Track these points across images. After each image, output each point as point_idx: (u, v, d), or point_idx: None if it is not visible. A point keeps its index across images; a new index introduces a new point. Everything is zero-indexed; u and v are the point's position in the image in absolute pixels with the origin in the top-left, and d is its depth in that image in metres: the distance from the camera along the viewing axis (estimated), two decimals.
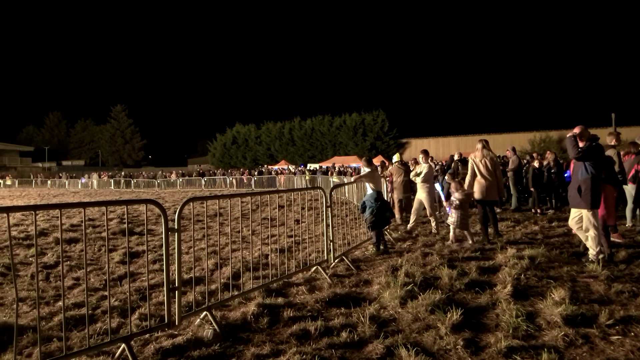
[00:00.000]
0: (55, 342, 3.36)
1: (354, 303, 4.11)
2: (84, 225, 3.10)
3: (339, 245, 6.02)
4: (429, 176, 8.14)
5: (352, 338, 3.29)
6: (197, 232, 8.36)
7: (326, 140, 55.36)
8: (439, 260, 5.54)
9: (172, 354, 3.13)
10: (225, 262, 5.75)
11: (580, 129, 5.39)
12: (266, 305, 4.00)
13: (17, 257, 6.65)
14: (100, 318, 3.90)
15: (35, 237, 3.01)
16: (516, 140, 39.74)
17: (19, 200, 22.23)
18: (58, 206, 3.09)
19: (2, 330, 3.52)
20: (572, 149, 5.33)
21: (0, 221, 10.20)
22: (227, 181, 34.11)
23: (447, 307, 3.69)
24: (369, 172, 6.79)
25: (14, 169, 64.35)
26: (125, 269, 5.63)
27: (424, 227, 8.86)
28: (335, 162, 41.65)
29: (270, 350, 3.15)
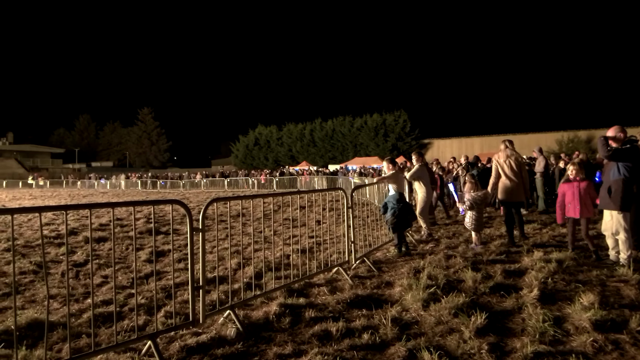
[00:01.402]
0: (84, 338, 3.47)
1: (376, 305, 4.09)
2: (112, 225, 3.19)
3: (360, 247, 6.01)
4: (419, 174, 7.83)
5: (373, 340, 3.27)
6: (220, 232, 8.49)
7: (347, 141, 55.27)
8: (462, 262, 5.45)
9: (197, 352, 3.18)
10: (248, 262, 5.82)
11: (615, 131, 5.22)
12: (288, 305, 4.02)
13: (48, 255, 6.90)
14: (127, 315, 4.01)
15: (66, 236, 3.12)
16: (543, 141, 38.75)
17: (50, 200, 23.07)
18: (88, 206, 3.20)
19: (33, 326, 3.66)
20: (601, 147, 5.18)
21: (33, 220, 10.62)
22: (249, 182, 34.52)
23: (471, 311, 3.63)
24: (392, 174, 6.74)
25: (46, 170, 66.87)
26: (151, 267, 5.77)
27: (446, 229, 8.74)
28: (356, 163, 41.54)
29: (292, 350, 3.17)
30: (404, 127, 52.84)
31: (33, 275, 5.64)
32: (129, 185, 41.06)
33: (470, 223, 6.60)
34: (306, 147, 58.13)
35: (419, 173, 7.83)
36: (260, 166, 57.83)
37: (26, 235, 8.83)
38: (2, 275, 5.64)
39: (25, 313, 3.99)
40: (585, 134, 41.63)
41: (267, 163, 60.01)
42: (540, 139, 41.25)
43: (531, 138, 42.78)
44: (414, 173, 7.81)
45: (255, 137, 63.56)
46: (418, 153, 8.25)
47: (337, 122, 56.82)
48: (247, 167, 58.85)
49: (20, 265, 5.97)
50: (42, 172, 61.38)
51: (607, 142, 5.20)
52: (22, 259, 6.51)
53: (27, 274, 5.64)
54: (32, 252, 7.15)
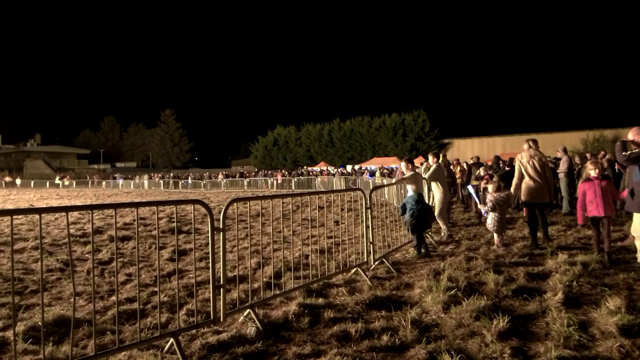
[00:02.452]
0: (108, 335, 3.55)
1: (395, 306, 4.07)
2: (136, 224, 3.27)
3: (379, 247, 5.98)
4: (437, 175, 7.80)
5: (393, 342, 3.25)
6: (240, 232, 8.58)
7: (365, 142, 55.03)
8: (484, 265, 5.36)
9: (217, 350, 3.23)
10: (267, 262, 5.86)
11: (635, 133, 5.05)
12: (307, 305, 4.03)
13: (74, 253, 7.09)
14: (150, 313, 4.10)
15: (92, 235, 3.22)
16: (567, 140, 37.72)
17: (76, 200, 23.74)
18: (112, 206, 3.28)
19: (59, 322, 3.76)
20: (618, 152, 5.07)
21: (60, 220, 10.95)
22: (268, 182, 34.80)
23: (493, 314, 3.57)
24: (412, 175, 6.67)
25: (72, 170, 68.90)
26: (173, 266, 5.87)
27: (467, 230, 8.61)
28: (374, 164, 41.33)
29: (311, 350, 3.18)
30: (423, 127, 52.26)
31: (60, 273, 5.81)
32: (152, 185, 41.94)
33: (492, 224, 6.48)
34: (324, 148, 58.14)
35: (437, 174, 7.77)
36: (279, 166, 58.15)
37: (53, 234, 9.11)
38: (30, 272, 5.83)
39: (52, 310, 4.10)
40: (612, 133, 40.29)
41: (286, 163, 60.29)
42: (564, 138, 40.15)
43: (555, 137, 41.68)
44: (433, 173, 7.74)
45: (274, 137, 63.94)
46: (435, 154, 8.23)
47: (356, 122, 56.63)
48: (266, 167, 59.26)
49: (48, 263, 6.17)
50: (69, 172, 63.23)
51: (624, 146, 5.06)
52: (49, 257, 6.71)
53: (54, 272, 5.82)
54: (58, 251, 7.37)
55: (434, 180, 7.81)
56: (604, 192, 5.41)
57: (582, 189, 5.69)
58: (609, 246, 5.39)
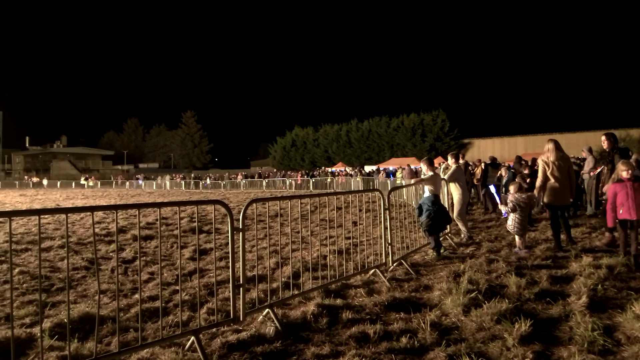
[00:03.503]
0: (131, 332, 3.63)
1: (414, 308, 4.04)
2: (159, 224, 3.35)
3: (397, 249, 5.94)
4: (456, 175, 7.70)
5: (412, 344, 3.23)
6: (259, 232, 8.66)
7: (383, 142, 54.74)
8: (505, 267, 5.27)
9: (237, 349, 3.27)
10: (286, 262, 5.90)
11: None
12: (325, 306, 4.05)
13: (98, 252, 7.29)
14: (171, 311, 4.18)
15: (116, 235, 3.30)
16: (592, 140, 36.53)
17: (100, 200, 24.35)
18: (136, 206, 3.37)
19: (85, 319, 3.86)
20: None
21: (85, 219, 11.26)
22: (286, 182, 34.99)
23: (514, 317, 3.51)
24: (431, 176, 6.61)
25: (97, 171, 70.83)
26: (194, 265, 5.97)
27: (488, 232, 8.47)
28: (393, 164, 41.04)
29: (330, 350, 3.19)
30: (442, 127, 51.66)
31: (85, 271, 5.98)
32: (173, 185, 42.75)
33: (513, 226, 6.36)
34: (342, 148, 58.10)
35: (456, 174, 7.69)
36: (297, 167, 58.37)
37: (79, 233, 9.37)
38: (56, 270, 6.02)
39: (78, 307, 4.22)
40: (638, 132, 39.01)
41: (304, 164, 60.47)
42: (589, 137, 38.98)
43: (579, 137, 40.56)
44: (452, 174, 7.66)
45: (292, 138, 64.26)
46: (454, 154, 8.14)
47: (374, 123, 56.40)
48: (284, 168, 59.56)
49: (73, 262, 6.35)
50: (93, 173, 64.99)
51: None
52: (75, 255, 6.91)
53: (79, 270, 5.99)
54: (84, 249, 7.58)
55: (453, 181, 7.73)
56: (636, 194, 5.24)
57: (613, 191, 5.52)
58: (636, 249, 5.22)
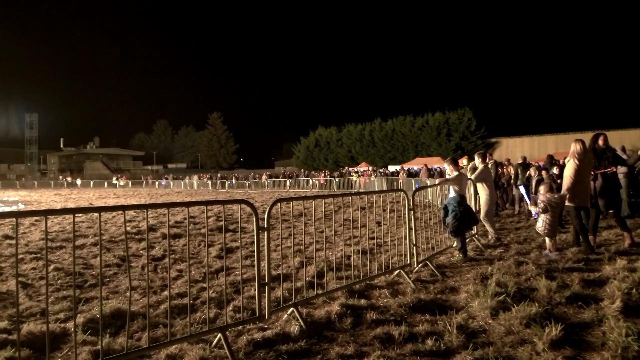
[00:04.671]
0: (161, 328, 3.73)
1: (440, 310, 3.98)
2: (187, 222, 3.43)
3: (422, 250, 5.88)
4: (484, 176, 7.55)
5: (438, 346, 3.19)
6: (283, 231, 8.73)
7: (408, 142, 54.11)
8: (535, 270, 5.13)
9: (263, 347, 3.31)
10: (310, 261, 5.93)
11: None
12: (349, 306, 4.05)
13: (129, 250, 7.51)
14: (199, 308, 4.27)
15: (147, 233, 3.41)
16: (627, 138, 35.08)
17: (131, 199, 25.09)
18: (165, 205, 3.46)
19: (116, 315, 3.99)
20: None
21: (116, 218, 11.63)
22: (310, 182, 35.14)
23: (544, 321, 3.41)
24: (456, 176, 6.51)
25: (128, 171, 73.16)
26: (221, 263, 6.08)
27: (517, 233, 8.27)
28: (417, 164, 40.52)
29: (354, 351, 3.19)
30: (468, 126, 50.61)
31: (116, 268, 6.18)
32: (201, 185, 43.66)
33: (543, 227, 6.18)
34: (366, 148, 57.79)
35: (483, 174, 7.54)
36: (321, 167, 58.45)
37: (110, 231, 9.69)
38: (89, 267, 6.25)
39: (109, 303, 4.37)
40: None
41: (327, 164, 60.49)
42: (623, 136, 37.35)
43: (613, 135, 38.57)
44: (479, 174, 7.52)
45: (316, 138, 64.40)
46: (482, 154, 8.00)
47: (398, 122, 55.83)
48: (308, 168, 59.76)
49: (105, 259, 6.57)
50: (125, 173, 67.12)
51: None
52: (107, 253, 7.15)
53: (111, 267, 6.20)
54: (115, 247, 7.83)
55: (480, 182, 7.59)
56: None
57: None
58: None
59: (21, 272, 5.79)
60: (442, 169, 28.97)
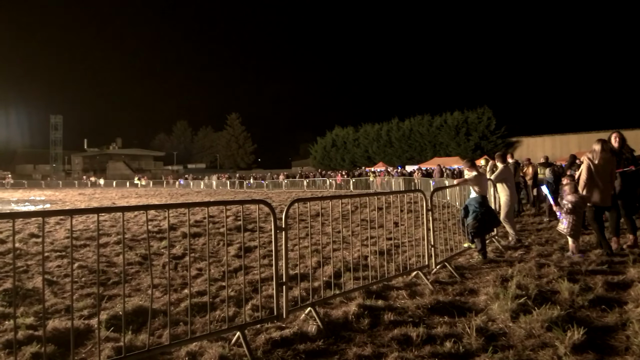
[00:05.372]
0: (181, 325, 3.80)
1: (459, 312, 3.94)
2: (206, 222, 3.49)
3: (440, 251, 5.82)
4: (504, 176, 7.43)
5: (456, 349, 3.17)
6: (300, 231, 8.76)
7: (425, 141, 53.60)
8: (557, 272, 5.02)
9: (281, 346, 3.34)
10: (327, 261, 5.94)
11: None
12: (367, 307, 4.04)
13: (150, 248, 7.66)
14: (218, 306, 4.32)
15: (168, 232, 3.48)
16: None
17: (152, 199, 25.57)
18: (186, 205, 3.54)
19: (138, 312, 4.05)
20: None
21: (138, 217, 11.87)
22: (327, 182, 35.17)
23: (566, 325, 3.34)
24: (475, 176, 6.42)
25: (149, 171, 74.66)
26: (239, 262, 6.15)
27: (538, 235, 8.11)
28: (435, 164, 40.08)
29: (372, 351, 3.19)
30: (488, 125, 49.82)
31: (138, 266, 6.32)
32: (219, 185, 44.22)
33: (567, 229, 6.04)
34: (383, 148, 57.50)
35: (504, 174, 7.43)
36: (337, 167, 58.40)
37: (132, 229, 9.89)
38: (112, 265, 6.41)
39: (132, 300, 4.44)
40: None
41: (344, 164, 60.42)
42: None
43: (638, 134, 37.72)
44: (500, 174, 7.41)
45: (333, 138, 64.43)
46: (501, 154, 7.91)
47: (415, 122, 55.37)
48: (325, 168, 59.79)
49: (127, 257, 6.72)
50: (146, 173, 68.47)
51: None
52: (129, 251, 7.31)
53: (133, 265, 6.34)
54: (137, 245, 8.00)
55: (500, 182, 7.48)
56: None
57: None
58: None
59: (47, 269, 5.97)
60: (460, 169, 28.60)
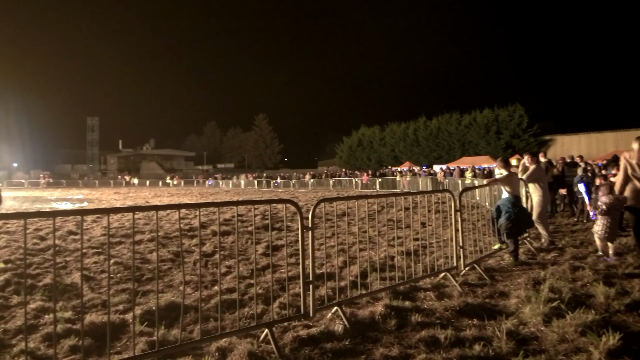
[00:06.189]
0: (211, 321, 3.90)
1: (488, 315, 3.88)
2: (235, 220, 3.57)
3: (469, 252, 5.72)
4: (537, 176, 7.21)
5: (486, 352, 3.12)
6: (327, 230, 8.80)
7: (454, 140, 52.55)
8: (592, 275, 4.86)
9: (308, 344, 3.38)
10: (353, 261, 5.95)
11: None
12: (393, 307, 4.03)
13: (182, 246, 7.87)
14: (247, 303, 4.41)
15: (199, 230, 3.58)
16: None
17: (184, 197, 26.24)
18: (216, 204, 3.63)
19: (170, 308, 4.18)
20: None
21: (170, 215, 12.21)
22: (353, 182, 35.09)
23: (601, 330, 3.24)
24: (506, 176, 6.28)
25: (180, 171, 76.70)
26: (267, 260, 6.24)
27: (572, 236, 7.84)
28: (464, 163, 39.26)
29: (399, 352, 3.18)
30: (520, 123, 48.35)
31: (170, 263, 6.51)
32: (247, 184, 44.98)
33: (602, 231, 5.82)
34: (409, 147, 56.78)
35: (536, 174, 7.22)
36: (363, 167, 58.10)
37: (165, 227, 10.19)
38: (146, 262, 6.62)
39: (164, 296, 4.59)
40: None
41: (370, 163, 60.05)
42: None
43: None
44: (532, 174, 7.21)
45: (359, 138, 64.17)
46: (533, 153, 7.69)
47: (443, 120, 54.37)
48: (351, 167, 59.57)
49: (160, 254, 6.93)
50: (177, 172, 70.30)
51: None
52: (162, 248, 7.54)
53: (165, 262, 6.53)
54: (169, 243, 8.24)
55: (532, 182, 7.28)
56: None
57: None
58: None
59: (84, 266, 6.24)
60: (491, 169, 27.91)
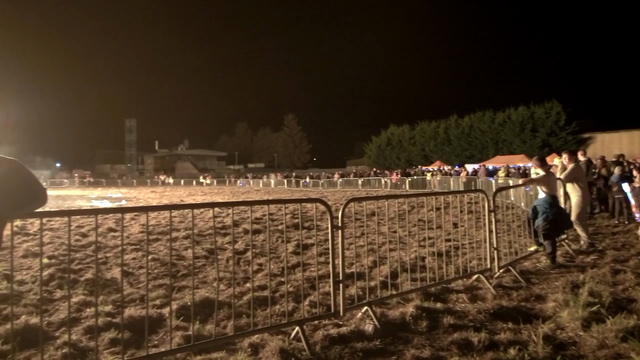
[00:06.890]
0: (244, 318, 3.98)
1: (524, 319, 3.78)
2: (267, 219, 3.64)
3: (503, 254, 5.58)
4: (575, 175, 6.93)
5: (521, 356, 3.04)
6: (356, 230, 8.78)
7: (487, 138, 51.08)
8: (634, 279, 4.64)
9: (338, 342, 3.40)
10: (383, 261, 5.92)
11: None
12: (425, 309, 3.99)
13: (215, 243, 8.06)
14: (278, 301, 4.48)
15: (232, 228, 3.67)
16: None
17: (216, 196, 26.86)
18: (247, 203, 3.71)
19: (204, 303, 4.27)
20: None
21: (204, 213, 12.52)
22: (381, 182, 34.82)
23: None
24: (543, 176, 6.08)
25: (213, 170, 78.58)
26: (297, 259, 6.31)
27: (613, 239, 7.49)
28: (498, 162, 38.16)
29: (431, 354, 3.15)
30: (557, 121, 46.47)
31: (204, 260, 6.68)
32: (277, 183, 45.58)
33: None
34: (440, 146, 55.65)
35: (575, 174, 6.95)
36: (392, 166, 57.46)
37: (199, 225, 10.44)
38: (181, 259, 6.83)
39: (199, 292, 4.72)
40: None
41: (399, 163, 59.31)
42: None
43: None
44: (570, 174, 6.95)
45: (388, 137, 63.52)
46: (570, 152, 7.40)
47: (475, 118, 52.92)
48: (380, 167, 59.05)
49: (195, 251, 7.12)
50: (210, 172, 71.98)
51: None
52: (196, 245, 7.75)
53: (199, 259, 6.71)
54: (203, 240, 8.45)
55: (571, 182, 7.01)
56: None
57: None
58: None
59: (123, 262, 6.51)
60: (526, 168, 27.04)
